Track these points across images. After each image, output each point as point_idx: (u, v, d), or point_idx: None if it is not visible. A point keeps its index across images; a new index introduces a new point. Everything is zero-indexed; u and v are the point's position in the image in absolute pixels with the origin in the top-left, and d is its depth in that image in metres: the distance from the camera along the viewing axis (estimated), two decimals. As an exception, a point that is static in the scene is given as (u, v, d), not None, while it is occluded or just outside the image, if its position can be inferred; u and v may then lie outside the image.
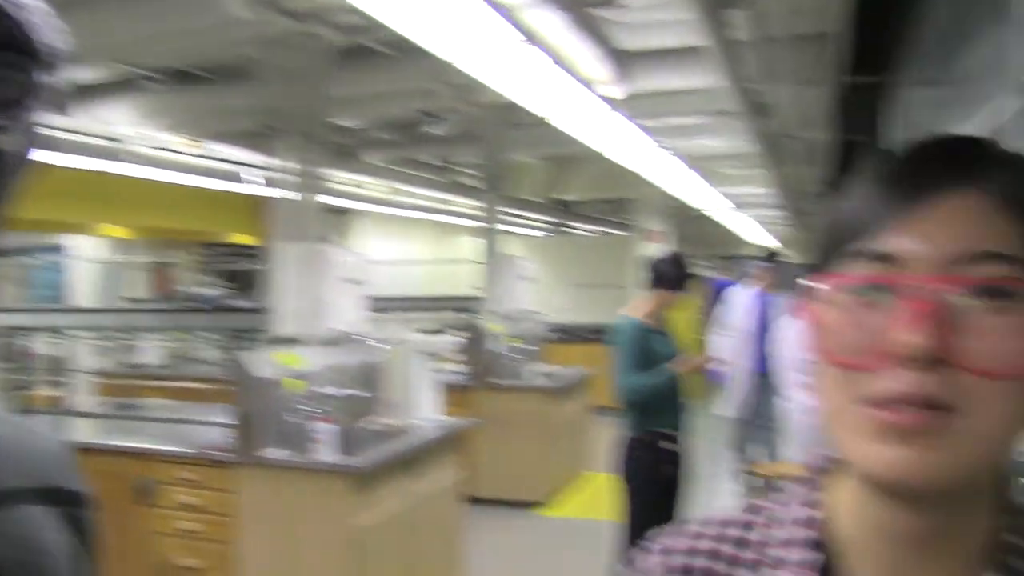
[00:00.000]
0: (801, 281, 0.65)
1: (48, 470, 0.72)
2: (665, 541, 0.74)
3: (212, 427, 4.58)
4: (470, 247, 11.63)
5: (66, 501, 0.72)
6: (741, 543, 0.70)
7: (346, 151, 7.69)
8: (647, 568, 0.73)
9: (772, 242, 17.16)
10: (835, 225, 0.65)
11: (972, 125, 2.46)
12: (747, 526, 0.71)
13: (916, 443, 0.57)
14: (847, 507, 0.66)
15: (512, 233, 10.86)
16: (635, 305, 4.25)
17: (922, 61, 3.95)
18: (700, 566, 0.70)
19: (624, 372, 4.00)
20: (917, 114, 4.32)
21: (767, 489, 3.43)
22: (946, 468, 0.57)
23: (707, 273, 14.00)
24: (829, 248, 0.64)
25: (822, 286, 0.63)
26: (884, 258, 0.60)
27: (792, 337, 4.79)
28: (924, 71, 3.89)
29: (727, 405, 6.59)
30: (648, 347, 4.04)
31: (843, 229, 0.63)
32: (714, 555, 0.70)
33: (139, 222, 8.04)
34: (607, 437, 9.73)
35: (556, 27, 4.10)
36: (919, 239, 0.59)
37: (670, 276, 4.10)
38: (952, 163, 0.61)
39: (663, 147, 6.39)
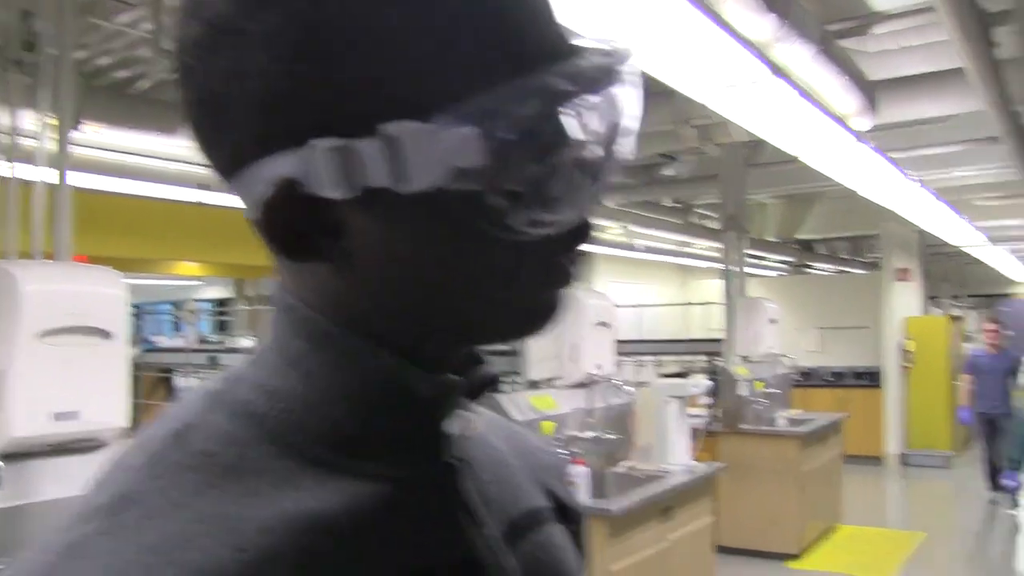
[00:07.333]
0: None
1: (554, 483, 0.67)
2: None
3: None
4: (709, 289, 11.48)
5: (572, 518, 0.67)
6: None
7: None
8: None
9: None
10: None
11: None
12: None
13: None
14: None
15: (750, 275, 10.60)
16: None
17: None
18: None
19: None
20: None
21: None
22: None
23: (957, 313, 12.99)
24: None
25: None
26: None
27: None
28: None
29: None
30: None
31: None
32: None
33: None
34: (859, 488, 9.29)
35: (804, 60, 3.99)
36: None
37: None
38: None
39: (912, 179, 6.06)
